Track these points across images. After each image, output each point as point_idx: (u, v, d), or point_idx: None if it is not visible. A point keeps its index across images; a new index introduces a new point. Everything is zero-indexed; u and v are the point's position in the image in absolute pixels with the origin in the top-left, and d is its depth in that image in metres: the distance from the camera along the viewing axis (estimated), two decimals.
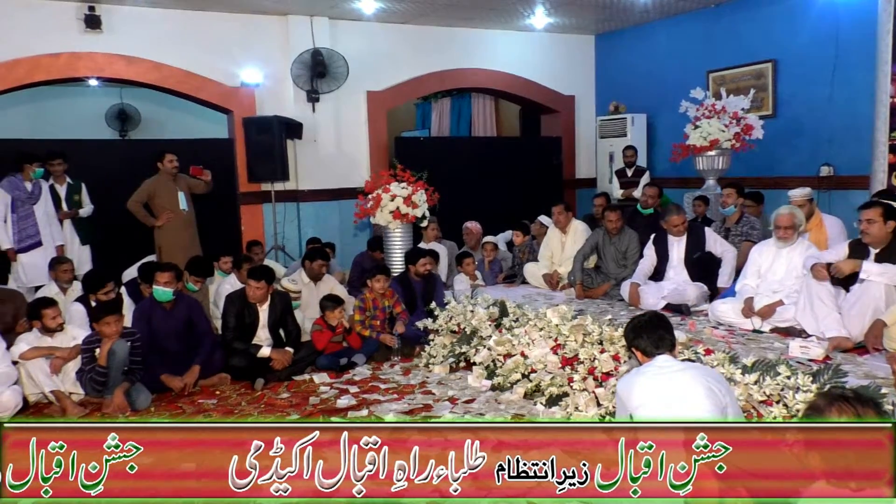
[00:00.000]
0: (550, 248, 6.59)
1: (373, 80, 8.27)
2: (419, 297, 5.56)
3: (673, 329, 2.86)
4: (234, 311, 4.82)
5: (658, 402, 2.59)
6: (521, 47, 9.13)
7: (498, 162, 8.95)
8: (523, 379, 4.23)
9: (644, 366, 2.79)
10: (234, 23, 7.56)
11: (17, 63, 6.72)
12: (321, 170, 8.01)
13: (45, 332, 4.28)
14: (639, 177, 7.82)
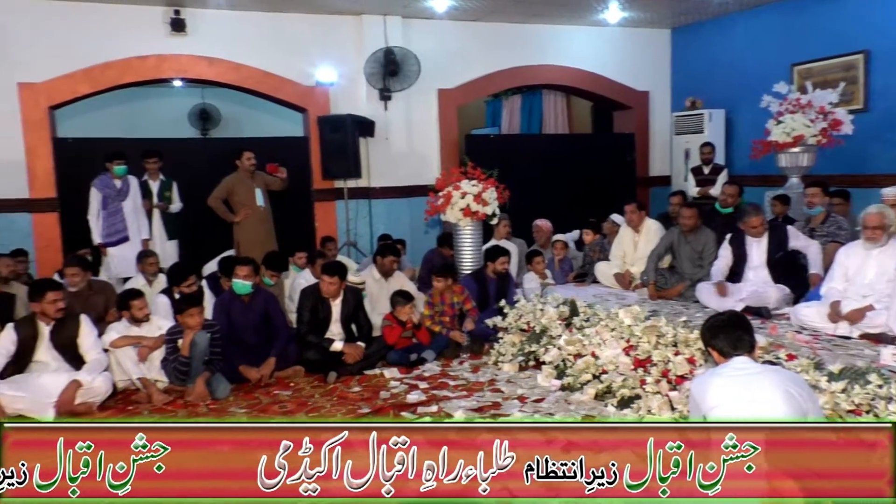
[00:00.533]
0: (623, 247, 6.47)
1: (444, 78, 8.31)
2: (493, 294, 5.56)
3: (753, 330, 2.77)
4: (309, 306, 4.94)
5: (734, 404, 2.52)
6: (594, 43, 8.99)
7: (569, 159, 8.84)
8: (594, 380, 4.17)
9: (720, 366, 2.71)
10: (309, 23, 7.74)
11: (109, 66, 7.08)
12: (392, 167, 8.11)
13: (132, 321, 4.51)
14: (716, 174, 7.58)
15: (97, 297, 5.07)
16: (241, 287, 4.83)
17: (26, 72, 6.77)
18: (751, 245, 5.32)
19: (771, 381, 2.55)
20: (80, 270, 5.04)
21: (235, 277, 4.83)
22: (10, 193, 6.78)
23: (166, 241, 6.62)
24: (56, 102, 7.01)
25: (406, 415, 3.98)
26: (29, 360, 4.18)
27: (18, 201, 6.82)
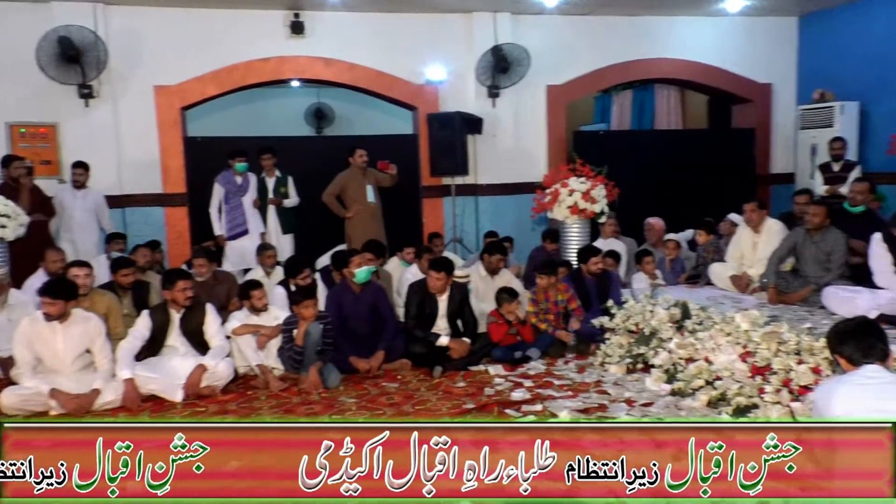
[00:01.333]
0: (741, 247, 6.15)
1: (553, 74, 8.22)
2: (593, 295, 5.46)
3: (886, 338, 2.58)
4: (416, 301, 5.04)
5: (864, 414, 2.37)
6: (712, 33, 8.60)
7: (683, 156, 8.51)
8: (707, 386, 4.01)
9: (848, 374, 2.54)
10: (420, 22, 7.87)
11: (234, 68, 7.51)
12: (500, 164, 8.12)
13: (252, 311, 4.76)
14: (847, 172, 7.04)
15: (221, 286, 5.40)
16: (363, 274, 4.99)
17: (161, 75, 7.31)
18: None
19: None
20: (206, 261, 5.40)
21: (355, 267, 5.00)
22: (146, 189, 7.34)
23: (281, 234, 6.92)
24: (187, 104, 7.51)
25: (511, 412, 3.98)
26: (161, 344, 4.51)
27: (153, 196, 7.38)
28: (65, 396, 4.02)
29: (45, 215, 6.25)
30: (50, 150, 7.06)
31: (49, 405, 4.02)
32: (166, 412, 4.12)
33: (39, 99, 6.92)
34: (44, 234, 6.14)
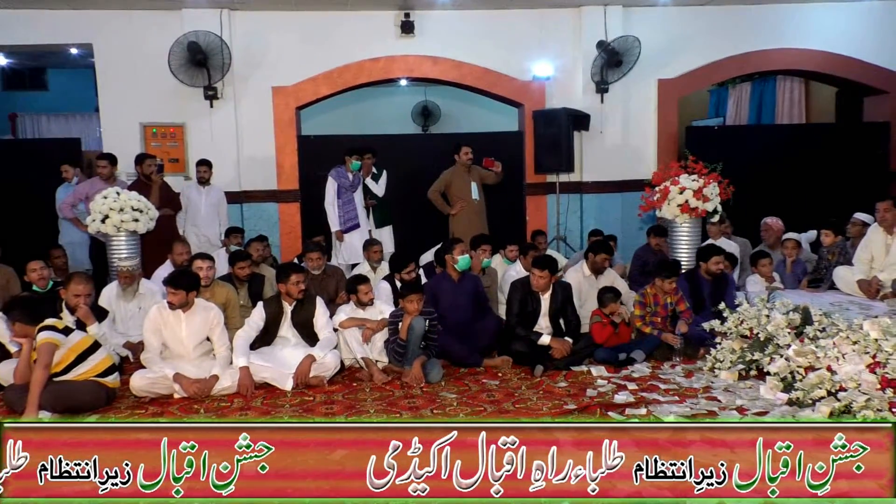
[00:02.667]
0: (871, 250, 5.71)
1: (665, 68, 7.95)
2: (707, 296, 5.24)
3: None
4: (518, 298, 5.02)
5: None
6: (843, 20, 8.02)
7: (806, 152, 8.00)
8: (829, 397, 3.75)
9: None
10: (528, 18, 7.82)
11: (346, 68, 7.76)
12: (606, 161, 7.94)
13: (358, 304, 4.91)
14: None
15: (330, 280, 5.61)
16: (463, 262, 5.14)
17: (278, 77, 7.66)
18: None
19: None
20: (320, 255, 5.61)
21: (458, 254, 5.13)
22: (261, 185, 7.72)
23: (375, 228, 7.08)
24: (302, 103, 7.84)
25: (613, 415, 3.89)
26: (274, 335, 4.73)
27: (268, 192, 7.75)
28: (187, 381, 4.29)
29: (173, 210, 6.71)
30: (178, 149, 7.58)
31: (173, 388, 4.31)
32: (278, 399, 4.32)
33: (169, 100, 7.44)
34: (171, 228, 6.59)
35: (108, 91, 7.50)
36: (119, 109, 7.46)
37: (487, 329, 5.11)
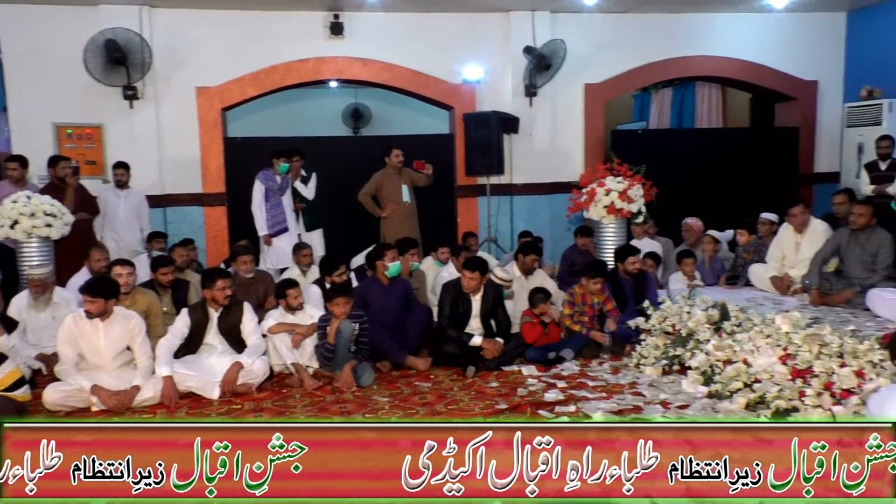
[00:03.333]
0: (782, 248, 6.01)
1: (591, 73, 8.14)
2: (629, 295, 5.39)
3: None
4: (450, 300, 5.04)
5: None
6: (756, 30, 8.41)
7: (723, 155, 8.34)
8: (745, 388, 3.93)
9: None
10: (458, 22, 7.87)
11: (273, 69, 7.62)
12: (535, 164, 8.07)
13: (288, 309, 4.82)
14: (894, 171, 6.82)
15: (258, 285, 5.48)
16: (394, 269, 5.12)
17: (203, 77, 7.44)
18: None
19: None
20: (251, 259, 5.48)
21: (389, 261, 5.11)
22: (186, 188, 7.48)
23: (305, 232, 7.00)
24: (227, 104, 7.64)
25: (543, 413, 3.95)
26: (200, 342, 4.58)
27: (192, 195, 7.53)
28: (105, 393, 4.11)
29: (90, 214, 6.43)
30: (95, 151, 7.26)
31: (90, 401, 4.12)
32: (204, 409, 4.19)
33: (85, 100, 7.12)
34: (88, 234, 6.31)
35: (17, 89, 7.11)
36: (30, 109, 7.09)
37: (418, 321, 5.10)
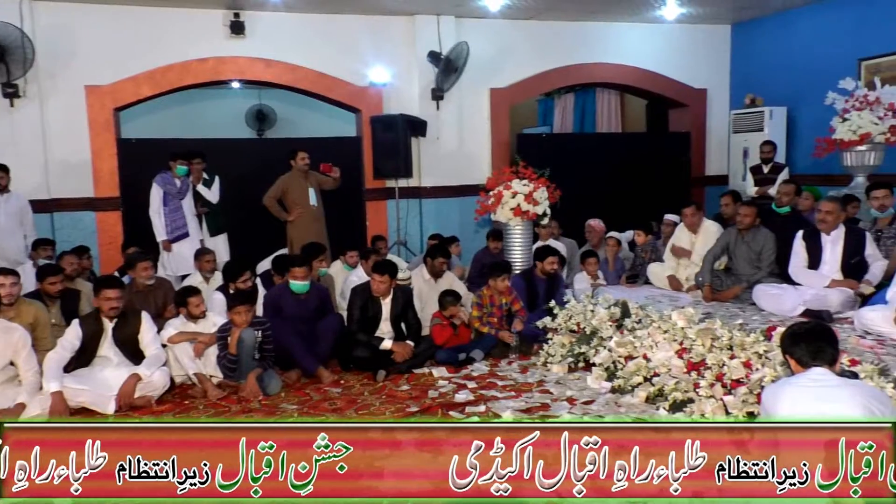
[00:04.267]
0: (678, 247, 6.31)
1: (496, 78, 8.29)
2: (541, 295, 5.52)
3: (837, 343, 2.63)
4: (359, 304, 4.99)
5: (807, 415, 2.42)
6: (650, 40, 8.82)
7: (622, 158, 8.70)
8: (645, 382, 4.10)
9: (796, 376, 2.60)
10: (363, 24, 7.82)
11: (170, 68, 7.31)
12: (443, 167, 8.13)
13: (189, 318, 4.63)
14: (776, 174, 7.32)
15: (157, 293, 5.23)
16: (299, 287, 4.94)
17: (93, 75, 7.04)
18: (825, 244, 5.10)
19: (850, 394, 2.44)
20: (150, 265, 5.22)
21: (293, 278, 4.93)
22: (76, 193, 7.06)
23: (209, 237, 6.80)
24: (120, 104, 7.27)
25: (454, 414, 3.98)
26: (93, 355, 4.32)
27: (83, 200, 7.11)
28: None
29: None
30: None
31: None
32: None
33: None
34: None
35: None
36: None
37: (330, 329, 5.00)
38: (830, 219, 5.00)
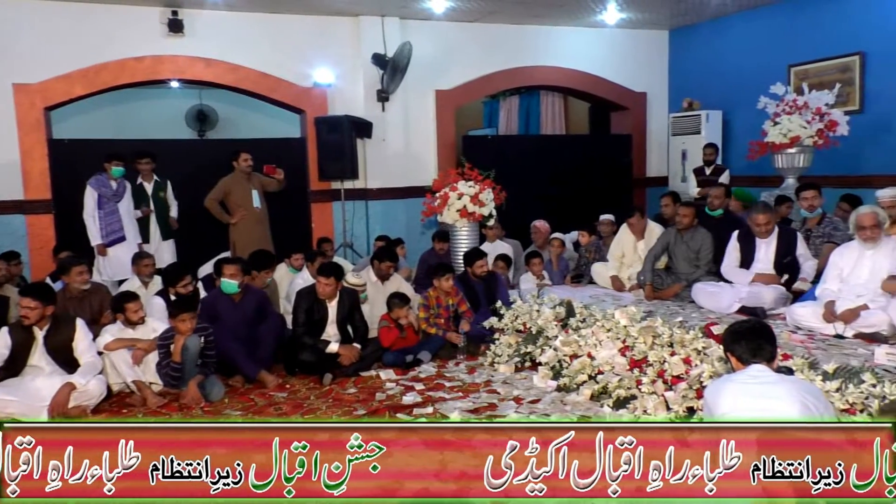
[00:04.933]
0: (622, 247, 6.44)
1: (442, 79, 8.31)
2: (481, 296, 5.55)
3: (776, 341, 2.72)
4: (305, 307, 4.93)
5: (746, 412, 2.48)
6: (592, 44, 8.99)
7: (566, 160, 8.84)
8: (590, 380, 4.17)
9: (736, 373, 2.68)
10: (307, 24, 7.73)
11: (104, 67, 7.06)
12: (389, 168, 8.10)
13: (127, 324, 4.49)
14: (717, 175, 7.55)
15: (92, 298, 5.05)
16: (228, 286, 4.83)
17: (22, 73, 6.76)
18: (759, 245, 5.28)
19: (787, 390, 2.52)
20: (86, 269, 5.03)
21: (223, 276, 4.84)
22: (4, 195, 6.76)
23: (161, 241, 6.62)
24: (51, 104, 6.99)
25: (402, 416, 3.97)
26: (24, 364, 4.15)
27: (12, 203, 6.80)
28: None
29: None
30: None
31: None
32: None
33: None
34: None
35: None
36: None
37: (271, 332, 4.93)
38: (768, 228, 5.21)
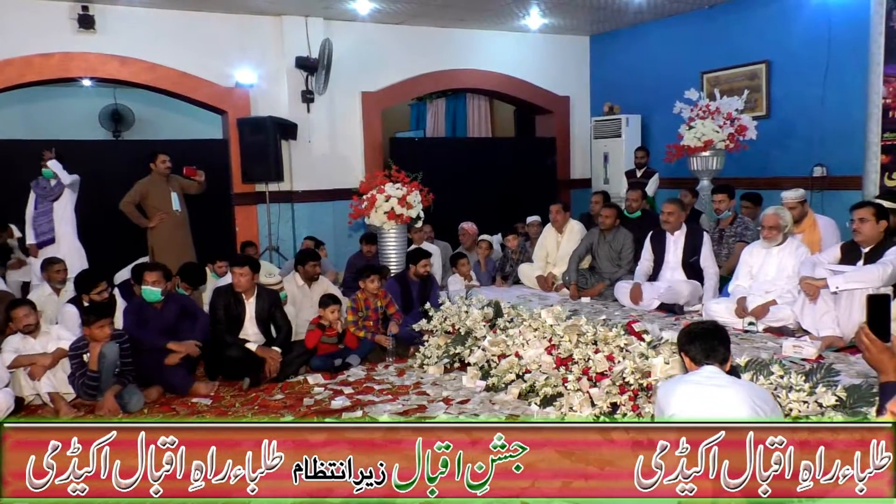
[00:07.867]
0: (546, 247, 6.58)
1: (367, 81, 8.27)
2: (416, 297, 5.56)
3: (730, 343, 2.77)
4: (222, 304, 4.82)
5: (695, 414, 2.51)
6: (516, 48, 9.14)
7: (493, 162, 8.95)
8: (518, 379, 4.23)
9: (689, 374, 2.71)
10: (228, 23, 7.54)
11: (8, 63, 6.69)
12: (316, 170, 7.99)
13: (26, 332, 4.26)
14: (648, 178, 7.80)
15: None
16: (149, 294, 4.65)
17: None
18: (669, 245, 5.50)
19: (737, 394, 2.56)
20: None
21: (144, 284, 4.66)
22: None
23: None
24: None
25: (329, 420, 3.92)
26: None
27: None
28: None
29: None
30: None
31: None
32: None
33: None
34: None
35: None
36: None
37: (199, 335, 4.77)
38: (672, 219, 5.44)
